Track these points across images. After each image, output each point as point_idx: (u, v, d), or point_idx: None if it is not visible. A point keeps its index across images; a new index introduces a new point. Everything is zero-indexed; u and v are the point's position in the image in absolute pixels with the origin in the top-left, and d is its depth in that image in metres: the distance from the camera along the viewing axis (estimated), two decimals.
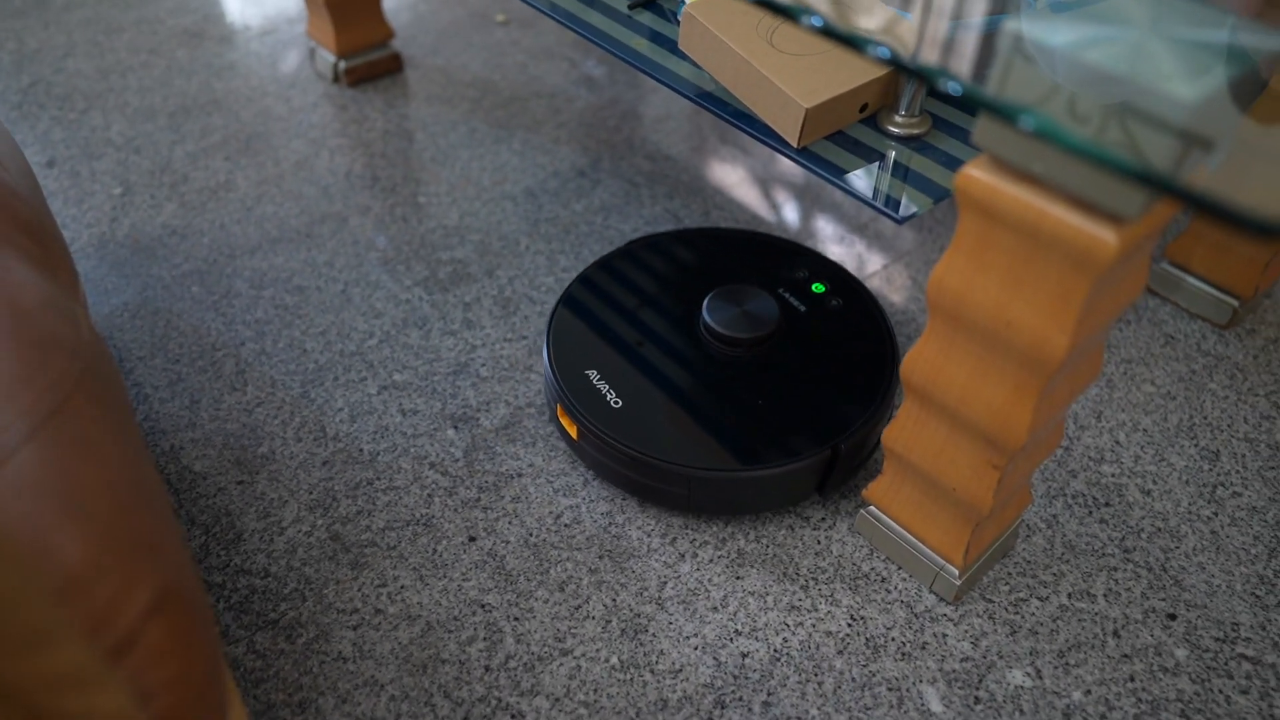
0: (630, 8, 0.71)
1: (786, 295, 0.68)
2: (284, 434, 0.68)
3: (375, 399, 0.71)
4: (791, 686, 0.55)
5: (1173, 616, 0.58)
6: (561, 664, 0.55)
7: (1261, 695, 0.54)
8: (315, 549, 0.61)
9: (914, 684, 0.55)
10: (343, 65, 1.05)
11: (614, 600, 0.59)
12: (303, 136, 0.99)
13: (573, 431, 0.62)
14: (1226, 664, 0.56)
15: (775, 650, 0.56)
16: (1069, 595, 0.59)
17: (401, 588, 0.59)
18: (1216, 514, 0.64)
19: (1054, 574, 0.60)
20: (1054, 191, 0.39)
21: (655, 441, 0.59)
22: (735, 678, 0.55)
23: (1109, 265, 0.38)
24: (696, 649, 0.56)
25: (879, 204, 0.52)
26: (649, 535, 0.62)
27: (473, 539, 0.62)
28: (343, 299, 0.79)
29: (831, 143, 0.57)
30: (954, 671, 0.55)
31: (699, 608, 0.58)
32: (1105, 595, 0.59)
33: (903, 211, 0.52)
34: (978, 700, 0.54)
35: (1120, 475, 0.66)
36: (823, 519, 0.63)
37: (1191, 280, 0.78)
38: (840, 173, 0.55)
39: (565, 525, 0.63)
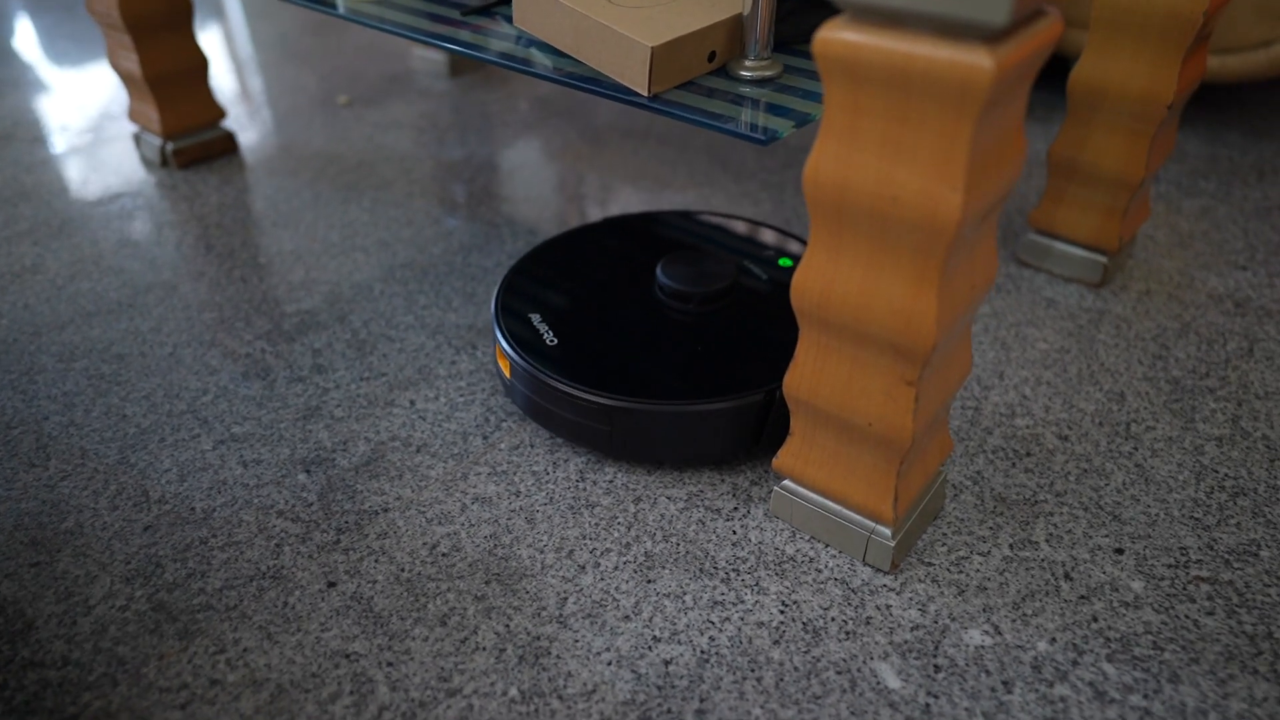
0: (464, 14, 0.68)
1: (749, 265, 0.68)
2: (95, 505, 0.57)
3: (210, 454, 0.61)
4: (726, 688, 0.46)
5: (1120, 551, 0.53)
6: (449, 706, 0.45)
7: (1228, 614, 0.49)
8: (132, 624, 0.49)
9: (864, 663, 0.47)
10: (170, 147, 0.98)
11: (507, 626, 0.49)
12: (125, 217, 0.90)
13: (505, 369, 0.61)
14: (1185, 589, 0.51)
15: (702, 652, 0.48)
16: (1011, 546, 0.54)
17: (244, 651, 0.48)
18: (1136, 448, 0.61)
19: (990, 528, 0.55)
20: (918, 31, 0.36)
21: (583, 375, 0.57)
22: (660, 689, 0.46)
23: (988, 95, 0.35)
24: (610, 664, 0.47)
25: (742, 131, 0.49)
26: (541, 551, 0.54)
27: (332, 585, 0.52)
28: (171, 360, 0.70)
29: (684, 90, 0.54)
30: (906, 643, 0.48)
31: (608, 620, 0.50)
32: (1048, 540, 0.54)
33: (767, 135, 0.49)
34: (937, 669, 0.47)
35: (1034, 426, 0.63)
36: (735, 509, 0.57)
37: (1059, 245, 0.78)
38: (697, 113, 0.52)
39: (443, 555, 0.54)
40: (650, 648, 0.48)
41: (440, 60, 1.25)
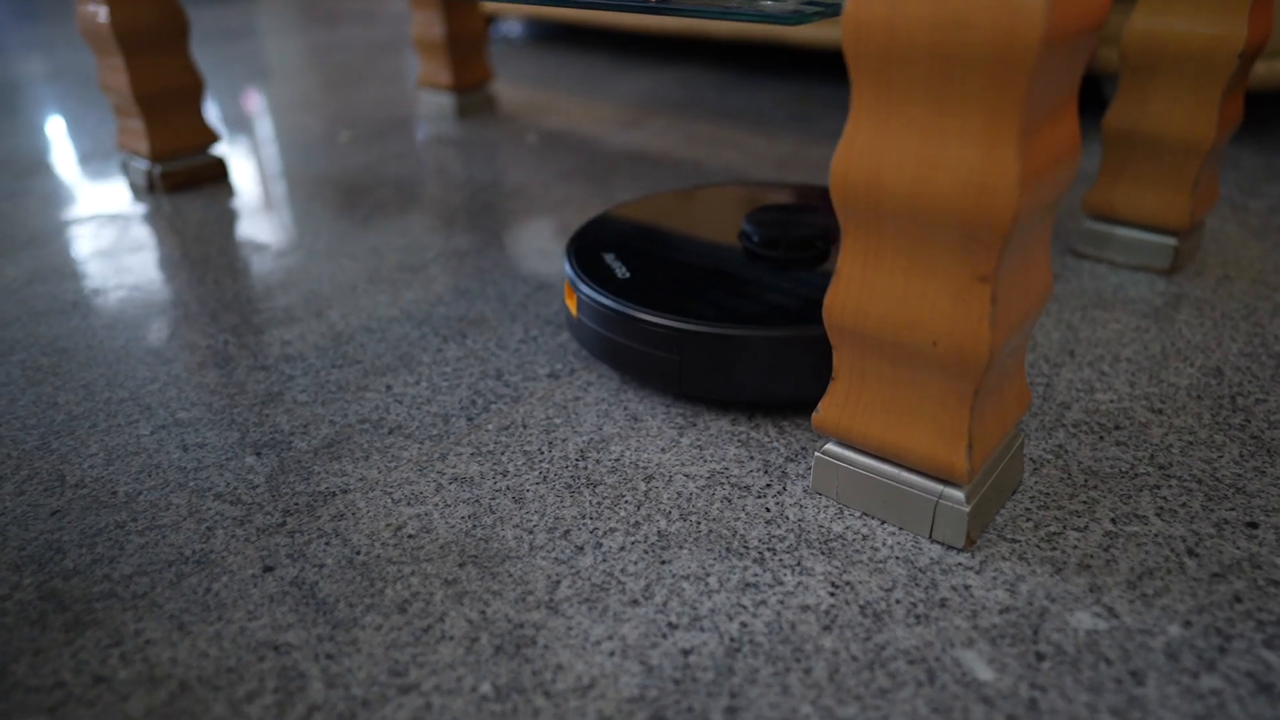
0: None
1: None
2: None
3: (146, 439, 0.52)
4: (765, 681, 0.35)
5: (1253, 525, 0.43)
6: (401, 706, 0.34)
7: None
8: (11, 615, 0.39)
9: (943, 651, 0.36)
10: (158, 170, 0.94)
11: (482, 613, 0.39)
12: (98, 233, 0.84)
13: (572, 307, 0.57)
14: None
15: (733, 639, 0.37)
16: (1113, 520, 0.43)
17: (145, 643, 0.38)
18: (1248, 420, 0.50)
19: (1084, 502, 0.45)
20: None
21: (651, 302, 0.52)
22: (677, 683, 0.35)
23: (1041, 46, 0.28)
24: (613, 655, 0.37)
25: (768, 14, 0.42)
26: (530, 532, 0.44)
27: (269, 569, 0.42)
28: (121, 353, 0.62)
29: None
30: (995, 627, 0.37)
31: (611, 605, 0.39)
32: (1159, 514, 0.43)
33: (795, 18, 0.42)
34: (1040, 657, 0.36)
35: (1119, 400, 0.53)
36: (767, 485, 0.47)
37: (1121, 231, 0.70)
38: (712, 6, 0.45)
39: (409, 536, 0.44)
40: (665, 635, 0.37)
41: (448, 103, 1.22)
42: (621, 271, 0.56)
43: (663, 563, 0.41)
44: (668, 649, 0.37)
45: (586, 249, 0.60)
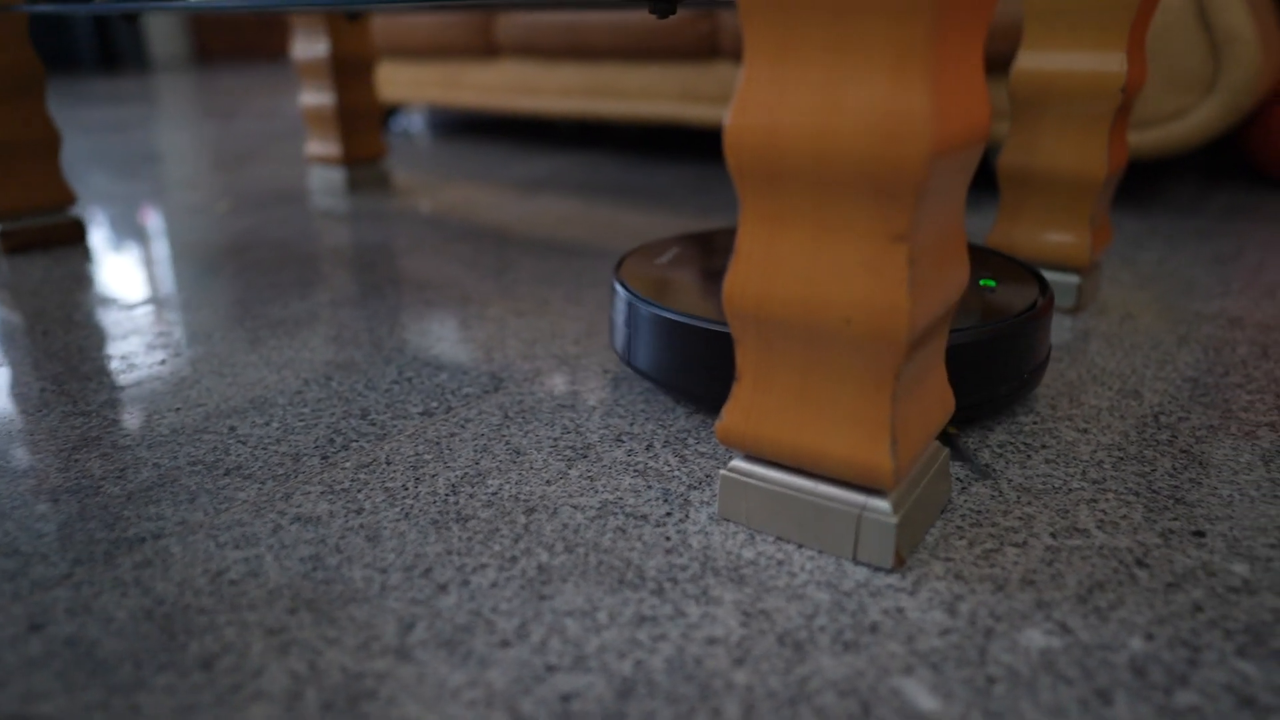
0: None
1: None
2: None
3: None
4: None
5: (1200, 534, 0.39)
6: None
7: None
8: None
9: (879, 680, 0.30)
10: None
11: (311, 664, 0.31)
12: None
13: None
14: None
15: (625, 680, 0.30)
16: (1053, 535, 0.38)
17: None
18: (1175, 437, 0.47)
19: (1019, 518, 0.40)
20: None
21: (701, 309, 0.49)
22: None
23: None
24: (474, 705, 0.29)
25: None
26: (383, 572, 0.36)
27: (37, 628, 0.33)
28: None
29: None
30: (935, 651, 0.31)
31: (476, 648, 0.32)
32: (1100, 527, 0.39)
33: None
34: (992, 680, 0.30)
35: (1043, 421, 0.49)
36: (667, 514, 0.40)
37: None
38: None
39: (231, 582, 0.35)
40: (541, 680, 0.30)
41: (338, 177, 1.17)
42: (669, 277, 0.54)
43: (542, 599, 0.34)
44: (544, 695, 0.29)
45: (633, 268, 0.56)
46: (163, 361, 0.59)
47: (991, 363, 0.46)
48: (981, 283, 0.53)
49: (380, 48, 1.64)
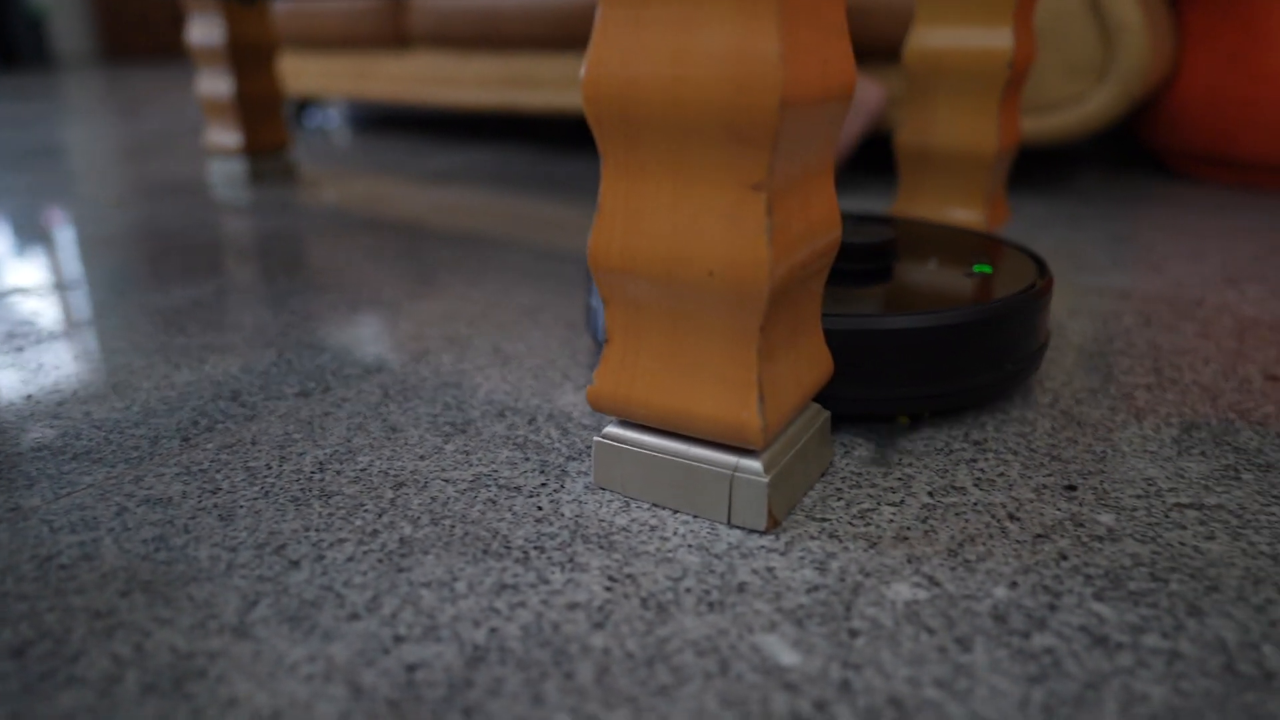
0: None
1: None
2: None
3: None
4: (512, 691, 0.27)
5: (1072, 488, 0.39)
6: None
7: (1233, 537, 0.35)
8: None
9: (740, 638, 0.29)
10: None
11: (138, 647, 0.29)
12: None
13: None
14: (1168, 515, 0.36)
15: (476, 648, 0.29)
16: (930, 494, 0.38)
17: None
18: (1056, 400, 0.48)
19: (899, 479, 0.40)
20: None
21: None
22: (393, 705, 0.26)
23: None
24: (311, 679, 0.27)
25: None
26: (232, 550, 0.34)
27: None
28: None
29: None
30: (801, 608, 0.31)
31: (322, 622, 0.30)
32: (977, 485, 0.39)
33: None
34: (854, 634, 0.29)
35: None
36: (543, 484, 0.39)
37: None
38: None
39: (61, 567, 0.33)
40: (387, 651, 0.28)
41: (238, 169, 1.12)
42: None
43: (400, 571, 0.33)
44: (388, 666, 0.28)
45: None
46: (20, 349, 0.55)
47: (985, 345, 0.44)
48: (975, 268, 0.50)
49: (286, 37, 1.59)
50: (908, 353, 0.42)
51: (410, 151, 1.42)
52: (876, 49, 1.06)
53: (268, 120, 1.12)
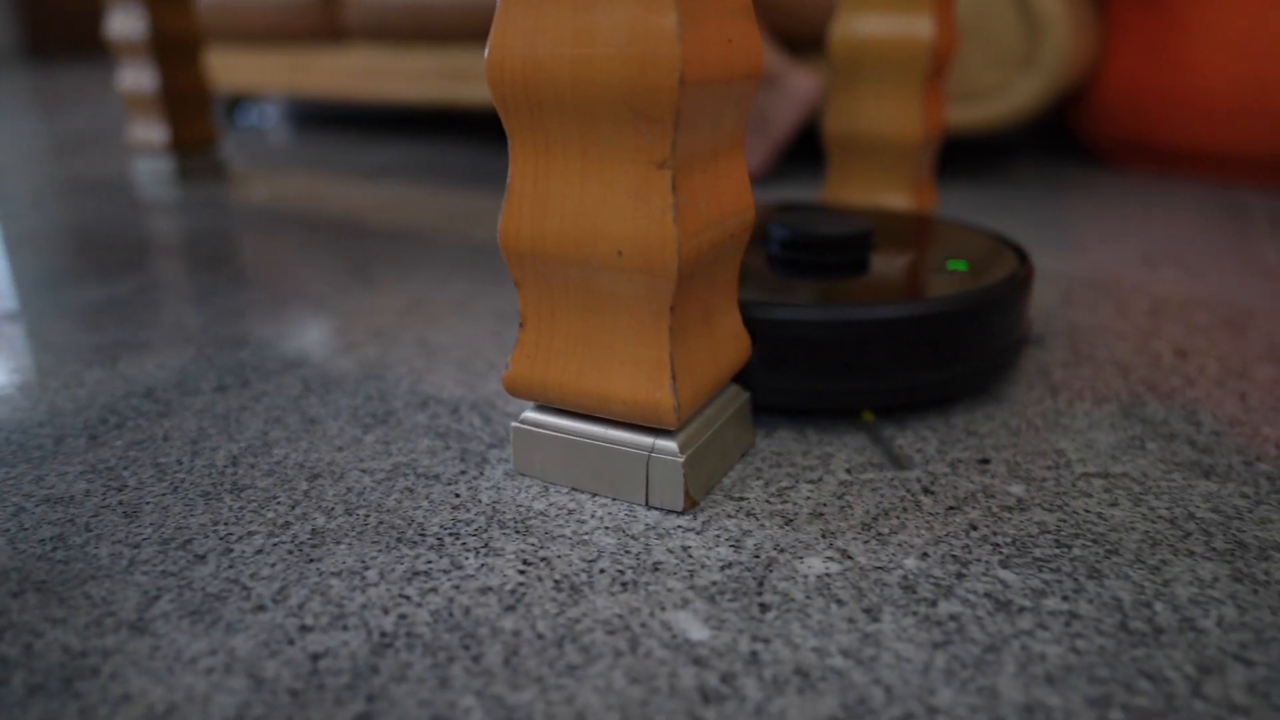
0: None
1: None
2: None
3: None
4: (417, 676, 0.26)
5: (985, 461, 0.40)
6: None
7: (1134, 503, 0.36)
8: None
9: (651, 616, 0.29)
10: None
11: (27, 648, 0.28)
12: None
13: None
14: (1076, 484, 0.37)
15: (384, 635, 0.28)
16: (848, 471, 0.39)
17: None
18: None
19: (818, 457, 0.40)
20: None
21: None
22: (295, 694, 0.26)
23: None
24: (211, 673, 0.27)
25: None
26: (135, 547, 0.33)
27: None
28: None
29: None
30: (715, 584, 0.31)
31: (226, 615, 0.29)
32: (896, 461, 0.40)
33: None
34: (766, 608, 0.30)
35: None
36: (462, 472, 0.39)
37: None
38: None
39: None
40: (292, 641, 0.28)
41: (164, 168, 1.09)
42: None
43: (310, 561, 0.32)
44: (292, 656, 0.27)
45: None
46: None
47: (970, 333, 0.43)
48: (949, 265, 0.48)
49: (215, 31, 1.55)
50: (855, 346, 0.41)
51: (347, 147, 1.39)
52: (812, 40, 1.07)
53: (195, 116, 1.09)
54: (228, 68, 1.59)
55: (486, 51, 0.32)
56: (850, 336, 0.41)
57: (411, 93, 1.39)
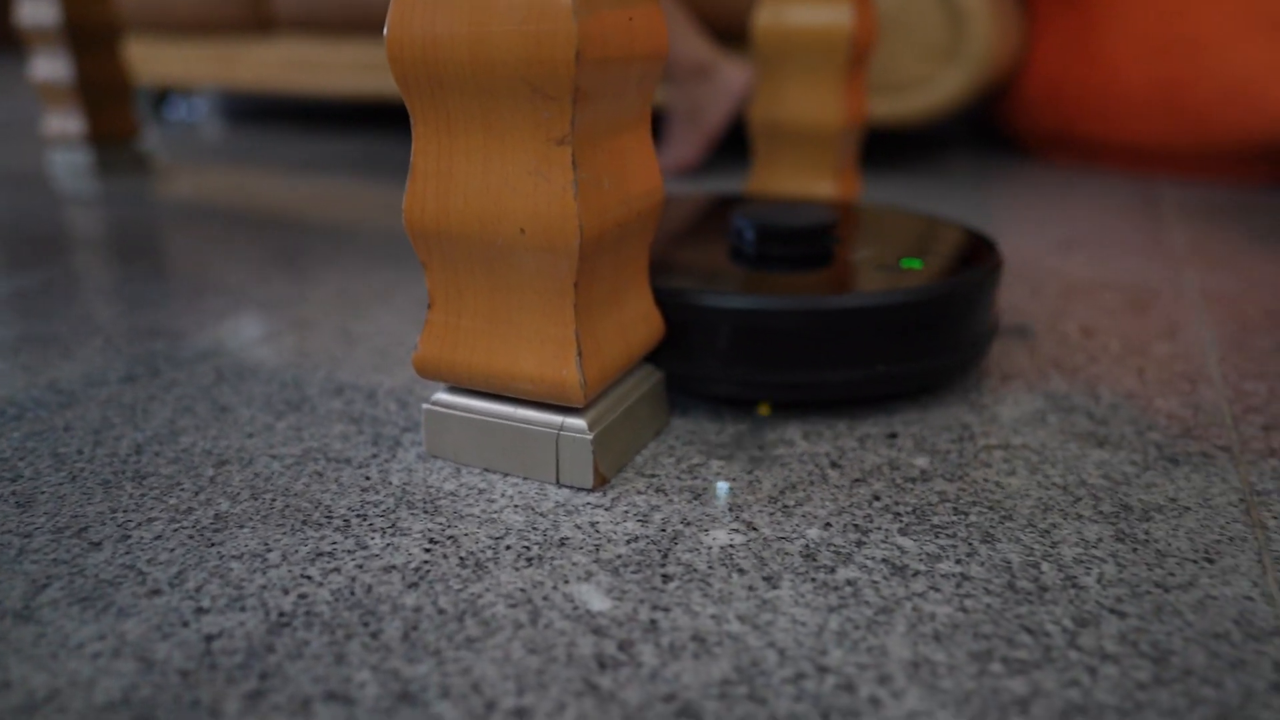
0: None
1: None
2: None
3: None
4: (313, 654, 0.26)
5: (893, 435, 0.41)
6: None
7: (1031, 471, 0.37)
8: None
9: (554, 589, 0.29)
10: None
11: None
12: None
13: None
14: (978, 456, 0.39)
15: (282, 614, 0.28)
16: (760, 447, 0.39)
17: None
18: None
19: (732, 435, 0.41)
20: None
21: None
22: (185, 675, 0.25)
23: None
24: (98, 657, 0.26)
25: None
26: (26, 536, 0.32)
27: None
28: None
29: None
30: (620, 558, 0.31)
31: (119, 600, 0.29)
32: (805, 438, 0.40)
33: None
34: (668, 578, 0.30)
35: None
36: (374, 455, 0.38)
37: None
38: None
39: None
40: (186, 624, 0.27)
41: (82, 160, 1.06)
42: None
43: (211, 545, 0.32)
44: (185, 638, 0.27)
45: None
46: None
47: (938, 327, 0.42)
48: (903, 263, 0.46)
49: (139, 21, 1.51)
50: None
51: (278, 140, 1.37)
52: (743, 32, 1.08)
53: (115, 107, 1.06)
54: (153, 59, 1.54)
55: (385, 30, 0.32)
56: (814, 326, 0.40)
57: (343, 85, 1.36)
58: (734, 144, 1.30)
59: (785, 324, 0.40)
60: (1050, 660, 0.26)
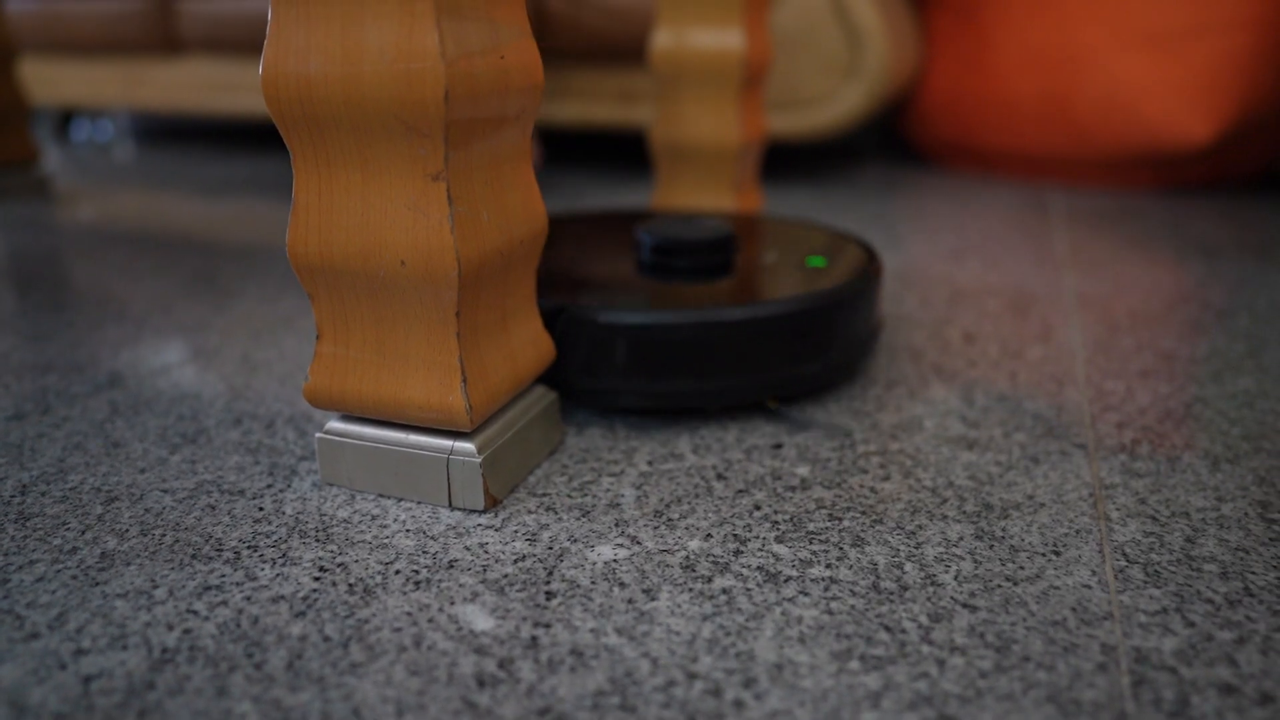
0: None
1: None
2: None
3: None
4: (195, 688, 0.27)
5: (779, 446, 0.43)
6: None
7: (905, 475, 0.39)
8: None
9: (440, 611, 0.30)
10: None
11: None
12: None
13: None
14: (856, 463, 0.41)
15: (165, 650, 0.28)
16: (650, 463, 0.41)
17: None
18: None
19: (624, 451, 0.42)
20: None
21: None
22: (60, 718, 0.25)
23: None
24: None
25: None
26: None
27: None
28: None
29: None
30: (506, 578, 0.32)
31: None
32: (694, 451, 0.42)
33: None
34: (550, 595, 0.31)
35: None
36: (269, 486, 0.39)
37: None
38: None
39: None
40: (64, 666, 0.28)
41: None
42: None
43: (95, 584, 0.32)
44: (62, 681, 0.27)
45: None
46: None
47: (816, 331, 0.45)
48: (809, 262, 0.50)
49: (35, 40, 1.46)
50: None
51: (189, 162, 1.34)
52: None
53: (9, 131, 1.03)
54: (53, 80, 1.50)
55: (260, 69, 0.33)
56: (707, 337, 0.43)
57: (254, 106, 1.35)
58: (640, 161, 1.32)
59: (671, 336, 0.42)
60: (904, 655, 0.28)
